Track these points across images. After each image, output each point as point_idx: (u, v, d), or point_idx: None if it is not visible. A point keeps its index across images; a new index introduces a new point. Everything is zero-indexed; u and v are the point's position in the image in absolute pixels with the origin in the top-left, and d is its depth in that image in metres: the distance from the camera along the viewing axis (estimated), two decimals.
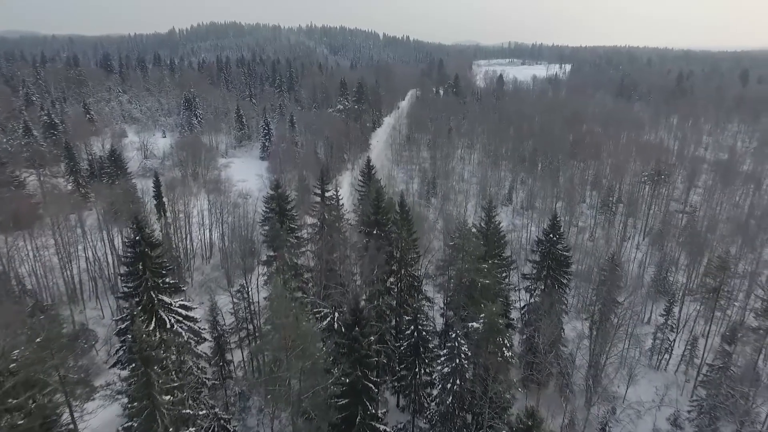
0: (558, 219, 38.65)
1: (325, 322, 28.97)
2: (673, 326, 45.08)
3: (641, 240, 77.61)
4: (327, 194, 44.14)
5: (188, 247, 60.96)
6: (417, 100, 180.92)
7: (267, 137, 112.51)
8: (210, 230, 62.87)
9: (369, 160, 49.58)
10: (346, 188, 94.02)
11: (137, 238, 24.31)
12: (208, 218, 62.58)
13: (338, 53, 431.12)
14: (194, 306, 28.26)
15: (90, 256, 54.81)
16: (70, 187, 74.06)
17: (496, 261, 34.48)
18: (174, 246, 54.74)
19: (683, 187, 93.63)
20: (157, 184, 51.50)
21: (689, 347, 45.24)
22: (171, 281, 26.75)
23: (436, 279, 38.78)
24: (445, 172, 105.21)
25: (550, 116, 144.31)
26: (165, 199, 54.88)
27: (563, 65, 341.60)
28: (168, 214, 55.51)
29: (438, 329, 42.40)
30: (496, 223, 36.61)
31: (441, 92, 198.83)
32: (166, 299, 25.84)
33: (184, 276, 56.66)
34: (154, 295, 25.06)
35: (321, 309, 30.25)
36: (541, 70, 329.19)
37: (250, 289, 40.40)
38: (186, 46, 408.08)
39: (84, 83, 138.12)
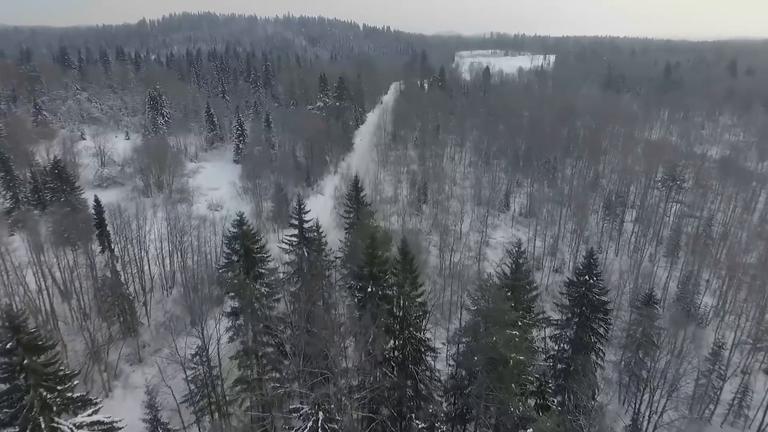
0: (595, 257, 31.04)
1: (306, 429, 20.80)
2: (722, 373, 38.13)
3: (654, 251, 71.02)
4: (306, 224, 35.71)
5: (144, 279, 51.82)
6: (401, 95, 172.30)
7: (241, 138, 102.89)
8: (171, 256, 53.69)
9: (357, 181, 40.72)
10: (328, 199, 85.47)
11: (10, 345, 15.78)
12: (168, 242, 53.33)
13: (317, 45, 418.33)
14: (116, 420, 19.72)
15: (21, 292, 45.63)
16: (8, 206, 63.95)
17: (526, 320, 26.92)
18: (124, 282, 45.67)
19: (689, 187, 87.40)
20: (99, 210, 41.87)
21: (739, 395, 38.45)
22: (74, 395, 18.13)
23: (451, 345, 30.97)
24: (435, 175, 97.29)
25: (540, 111, 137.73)
26: (110, 228, 45.57)
27: (547, 56, 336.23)
28: (115, 244, 46.35)
29: (442, 380, 34.61)
30: (525, 271, 28.93)
31: (425, 86, 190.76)
32: (65, 426, 17.32)
33: (139, 316, 47.74)
34: (44, 423, 16.60)
35: (300, 407, 22.06)
36: (525, 62, 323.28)
37: (210, 350, 32.06)
38: (157, 38, 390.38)
39: (37, 80, 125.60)
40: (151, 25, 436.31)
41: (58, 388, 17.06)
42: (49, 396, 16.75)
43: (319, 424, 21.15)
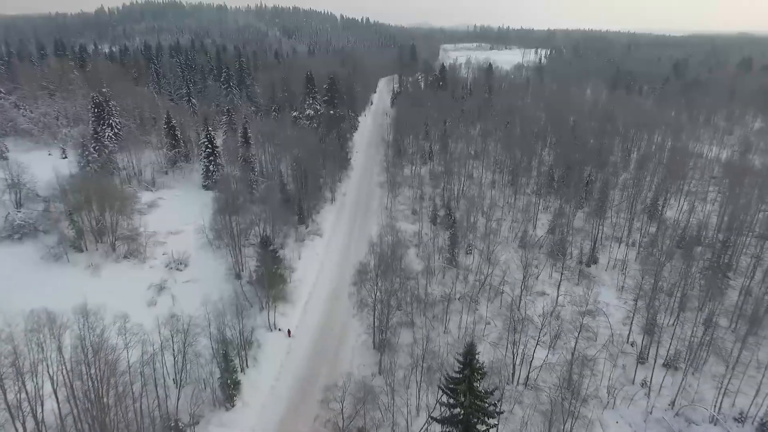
0: None
1: None
2: None
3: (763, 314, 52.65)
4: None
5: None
6: (400, 97, 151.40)
7: (211, 158, 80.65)
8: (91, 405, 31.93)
9: (472, 348, 18.72)
10: (327, 243, 64.58)
11: None
12: (88, 383, 31.65)
13: (293, 37, 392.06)
14: None
15: None
16: None
17: None
18: None
19: None
20: None
21: None
22: None
23: None
24: (459, 202, 77.25)
25: (559, 114, 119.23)
26: None
27: (539, 50, 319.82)
28: None
29: None
30: None
31: (421, 83, 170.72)
32: None
33: None
34: None
35: None
36: (515, 56, 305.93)
37: None
38: (116, 29, 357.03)
39: None
40: (110, 14, 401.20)
41: None
42: None
43: None
